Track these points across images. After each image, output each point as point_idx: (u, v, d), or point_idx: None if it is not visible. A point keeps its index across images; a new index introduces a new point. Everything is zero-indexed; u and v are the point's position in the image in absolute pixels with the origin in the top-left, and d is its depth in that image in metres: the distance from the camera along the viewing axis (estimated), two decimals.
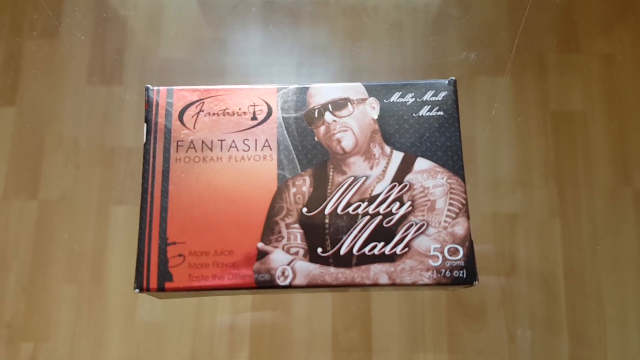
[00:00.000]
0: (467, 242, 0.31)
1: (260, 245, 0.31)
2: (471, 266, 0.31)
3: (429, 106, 0.33)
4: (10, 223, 0.47)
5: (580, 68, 0.51)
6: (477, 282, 0.31)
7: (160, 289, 0.30)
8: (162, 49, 0.51)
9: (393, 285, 0.30)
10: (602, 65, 0.51)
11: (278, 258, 0.31)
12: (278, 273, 0.31)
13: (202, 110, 0.33)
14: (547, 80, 0.50)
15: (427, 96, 0.33)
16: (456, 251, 0.31)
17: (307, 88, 0.34)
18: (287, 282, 0.30)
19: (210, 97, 0.33)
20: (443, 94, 0.33)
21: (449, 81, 0.34)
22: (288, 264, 0.31)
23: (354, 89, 0.34)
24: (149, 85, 0.33)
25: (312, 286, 0.30)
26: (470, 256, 0.31)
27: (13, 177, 0.48)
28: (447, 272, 0.31)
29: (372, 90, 0.33)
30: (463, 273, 0.31)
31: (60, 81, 0.50)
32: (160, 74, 0.50)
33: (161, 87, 0.33)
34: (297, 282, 0.30)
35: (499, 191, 0.48)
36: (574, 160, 0.49)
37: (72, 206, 0.47)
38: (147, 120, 0.33)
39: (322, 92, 0.33)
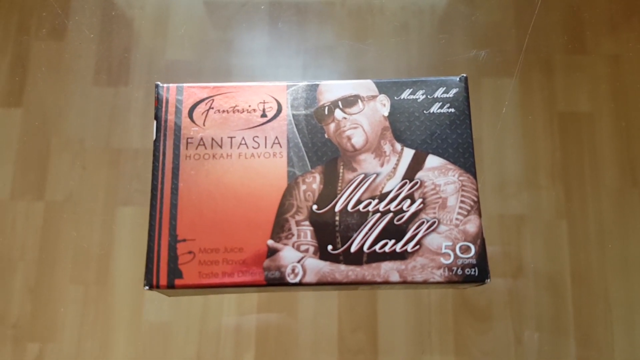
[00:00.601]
0: (479, 239, 0.31)
1: (270, 242, 0.31)
2: (483, 264, 0.31)
3: (440, 103, 0.33)
4: (17, 224, 0.47)
5: (587, 69, 0.50)
6: (489, 280, 0.30)
7: (170, 286, 0.30)
8: (168, 50, 0.51)
9: (404, 283, 0.30)
10: (610, 66, 0.51)
11: (288, 255, 0.31)
12: (288, 270, 0.30)
13: (212, 108, 0.33)
14: (555, 81, 0.50)
15: (438, 93, 0.33)
16: (468, 249, 0.31)
17: (317, 85, 0.34)
18: (297, 280, 0.30)
19: (219, 94, 0.33)
20: (454, 90, 0.33)
21: (460, 78, 0.34)
22: (298, 262, 0.30)
23: (364, 86, 0.33)
24: (159, 83, 0.33)
25: (323, 284, 0.30)
26: (482, 254, 0.31)
27: (20, 177, 0.48)
28: (459, 270, 0.30)
29: (382, 87, 0.33)
30: (475, 271, 0.30)
31: (67, 81, 0.50)
32: (166, 74, 0.50)
33: (171, 85, 0.33)
34: (307, 279, 0.30)
35: (505, 192, 0.48)
36: (581, 161, 0.48)
37: (79, 207, 0.47)
38: (157, 118, 0.33)
39: (332, 89, 0.33)
